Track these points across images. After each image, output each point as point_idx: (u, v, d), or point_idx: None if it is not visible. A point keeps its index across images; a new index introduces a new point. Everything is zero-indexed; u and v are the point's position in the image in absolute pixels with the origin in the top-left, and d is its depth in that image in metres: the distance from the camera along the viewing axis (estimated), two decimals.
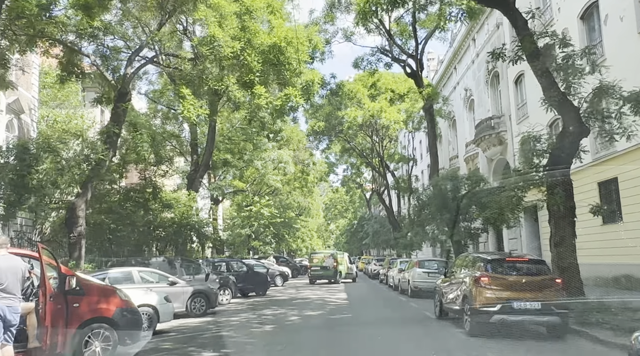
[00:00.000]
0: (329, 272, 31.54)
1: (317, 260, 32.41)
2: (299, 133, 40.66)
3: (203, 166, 29.45)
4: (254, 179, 42.08)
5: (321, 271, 31.82)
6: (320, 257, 32.59)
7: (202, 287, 16.43)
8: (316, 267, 31.94)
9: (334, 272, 31.64)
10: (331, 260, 31.70)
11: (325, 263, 31.83)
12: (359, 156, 46.34)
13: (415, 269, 21.50)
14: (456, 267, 13.64)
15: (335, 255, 33.21)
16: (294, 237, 62.53)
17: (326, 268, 31.53)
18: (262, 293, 23.93)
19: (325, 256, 32.46)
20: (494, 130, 30.52)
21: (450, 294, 13.05)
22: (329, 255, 33.14)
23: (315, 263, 32.22)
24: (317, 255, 33.50)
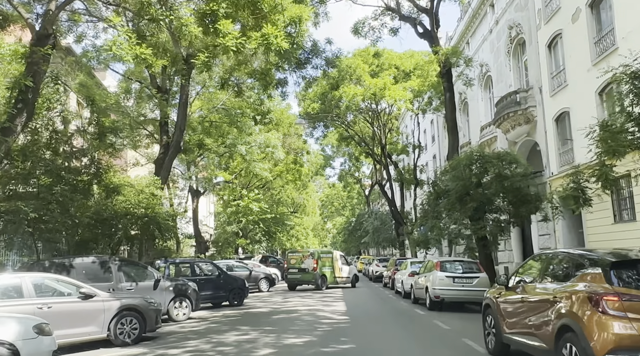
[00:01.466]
0: (308, 276, 25.36)
1: (294, 261, 26.03)
2: (289, 116, 35.19)
3: (172, 148, 23.98)
4: (241, 170, 36.65)
5: (299, 274, 25.66)
6: (297, 257, 26.13)
7: (135, 301, 10.97)
8: (293, 269, 25.82)
9: (314, 276, 25.31)
10: (311, 261, 25.33)
11: (303, 264, 25.56)
12: (358, 145, 40.88)
13: (435, 274, 16.07)
14: (531, 272, 8.17)
15: (318, 254, 26.06)
16: (288, 235, 57.00)
17: (304, 270, 25.36)
18: (238, 302, 18.50)
19: (303, 256, 25.86)
20: (519, 106, 25.13)
21: (521, 319, 7.62)
22: (309, 254, 26.19)
23: (292, 264, 26.09)
24: (294, 255, 26.72)
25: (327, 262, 26.11)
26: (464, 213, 18.89)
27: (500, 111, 26.55)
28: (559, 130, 22.87)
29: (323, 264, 25.73)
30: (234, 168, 37.19)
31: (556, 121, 22.87)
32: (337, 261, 27.12)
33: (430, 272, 16.52)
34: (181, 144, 24.32)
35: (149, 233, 20.18)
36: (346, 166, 57.64)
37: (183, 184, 34.60)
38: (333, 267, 26.44)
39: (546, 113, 23.61)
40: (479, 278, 15.79)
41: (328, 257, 26.54)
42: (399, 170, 38.58)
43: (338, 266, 26.99)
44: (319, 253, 26.20)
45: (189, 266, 17.89)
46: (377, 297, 21.70)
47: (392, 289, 24.91)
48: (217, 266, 18.70)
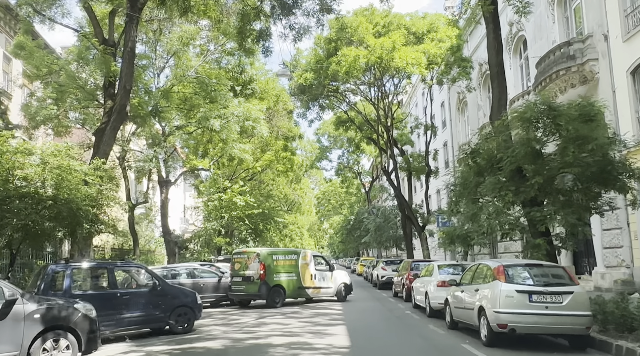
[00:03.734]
0: (252, 287, 17.12)
1: (238, 265, 17.91)
2: (276, 86, 28.43)
3: (116, 114, 17.39)
4: (219, 155, 29.96)
5: (242, 284, 17.46)
6: (242, 260, 17.93)
7: None
8: (237, 278, 17.72)
9: (260, 287, 16.99)
10: (257, 265, 17.21)
11: (248, 271, 17.38)
12: (358, 130, 34.20)
13: (498, 287, 9.39)
14: None
15: (266, 255, 17.68)
16: (281, 235, 50.24)
17: (249, 279, 17.23)
18: (184, 328, 11.85)
19: (248, 258, 17.69)
20: (574, 61, 18.58)
21: None
22: (255, 256, 17.61)
23: (236, 271, 17.89)
24: (239, 257, 18.31)
25: (286, 266, 17.85)
26: (523, 193, 12.35)
27: (543, 72, 20.02)
28: (636, 86, 16.38)
29: (277, 270, 17.48)
30: (213, 155, 30.49)
31: (632, 74, 16.37)
32: (308, 265, 18.53)
33: (488, 284, 9.86)
34: (127, 108, 17.65)
35: (64, 223, 13.60)
36: (344, 159, 51.09)
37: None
38: (299, 273, 18.16)
39: (615, 66, 17.10)
40: (573, 294, 9.16)
41: (289, 259, 18.14)
42: (406, 157, 31.93)
43: (309, 271, 18.49)
44: (269, 254, 17.83)
45: (106, 274, 11.18)
46: (391, 315, 15.00)
47: (408, 302, 18.27)
48: (151, 272, 11.99)
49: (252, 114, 22.30)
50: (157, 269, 17.94)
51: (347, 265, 67.20)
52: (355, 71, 24.41)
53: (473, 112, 31.50)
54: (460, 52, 25.69)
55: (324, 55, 26.95)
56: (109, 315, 10.65)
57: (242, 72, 25.24)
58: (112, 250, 28.23)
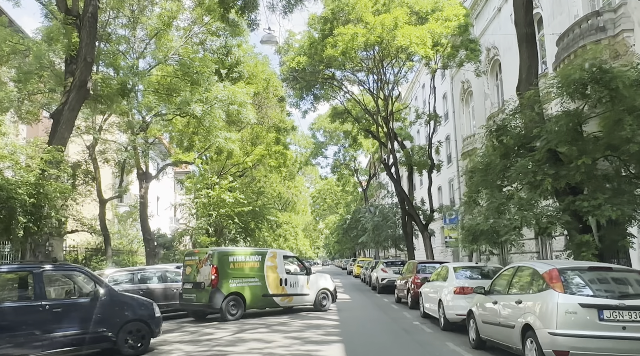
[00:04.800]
0: (202, 295, 13.81)
1: (189, 269, 14.66)
2: (266, 70, 25.60)
3: (75, 90, 14.72)
4: (205, 148, 27.24)
5: (193, 292, 14.15)
6: (193, 263, 14.57)
7: None
8: (188, 285, 14.42)
9: (211, 295, 13.63)
10: (208, 269, 13.92)
11: (199, 276, 14.14)
12: (356, 122, 31.50)
13: (552, 298, 6.73)
14: None
15: (220, 256, 14.17)
16: (274, 234, 47.50)
17: (199, 286, 13.96)
18: (137, 348, 9.13)
19: (200, 261, 14.32)
20: (604, 33, 15.98)
21: None
22: (206, 257, 14.18)
23: (187, 275, 14.65)
24: (190, 259, 14.89)
25: (247, 270, 14.43)
26: (565, 178, 9.77)
27: (566, 48, 17.35)
28: None
29: (234, 275, 14.08)
30: (200, 148, 27.75)
31: None
32: (276, 268, 15.04)
33: (537, 294, 7.20)
34: (89, 84, 14.91)
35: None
36: (340, 155, 48.41)
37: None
38: (264, 278, 14.66)
39: None
40: None
41: (252, 261, 14.67)
42: (406, 151, 29.25)
43: (277, 276, 14.96)
44: (224, 254, 14.28)
45: (31, 280, 8.45)
46: (397, 328, 12.31)
47: (414, 310, 15.62)
48: (94, 277, 9.25)
49: (237, 98, 19.56)
50: (123, 271, 15.21)
51: (343, 266, 64.58)
52: (353, 51, 21.71)
53: (479, 102, 28.89)
54: (468, 32, 23.08)
55: (319, 38, 24.27)
56: (32, 335, 7.98)
57: (229, 54, 22.54)
58: (86, 251, 25.45)
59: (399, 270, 22.39)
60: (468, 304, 11.00)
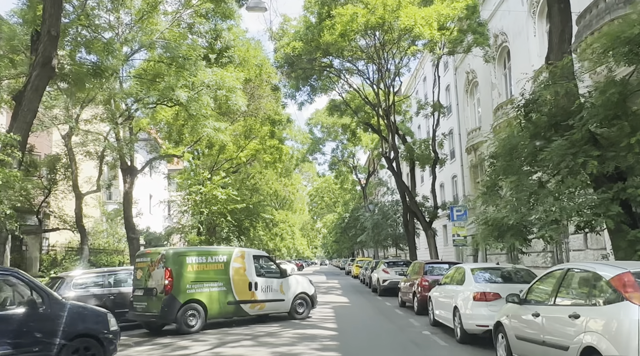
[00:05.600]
0: (154, 303, 11.60)
1: (140, 273, 12.35)
2: (259, 55, 23.62)
3: (39, 68, 12.80)
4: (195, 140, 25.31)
5: (143, 299, 11.92)
6: (144, 265, 12.29)
7: None
8: (138, 291, 12.15)
9: (164, 304, 11.40)
10: (161, 273, 11.71)
11: (150, 280, 11.95)
12: (354, 114, 29.63)
13: (630, 314, 4.86)
14: None
15: (175, 257, 11.92)
16: (270, 233, 45.57)
17: (151, 292, 11.77)
18: None
19: (152, 263, 12.07)
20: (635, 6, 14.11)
21: None
22: (159, 258, 11.90)
23: (137, 280, 12.36)
24: (142, 261, 12.56)
25: (209, 272, 12.15)
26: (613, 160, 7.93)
27: (588, 26, 15.45)
28: None
29: (192, 279, 11.85)
30: (190, 141, 25.82)
31: None
32: (245, 270, 12.82)
33: (604, 308, 5.30)
34: (54, 61, 12.99)
35: None
36: (338, 152, 46.51)
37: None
38: (230, 282, 12.41)
39: None
40: None
41: (214, 262, 12.38)
42: (408, 145, 27.40)
43: (246, 279, 12.75)
44: (179, 255, 12.08)
45: None
46: (405, 340, 10.40)
47: (422, 316, 13.75)
48: (32, 283, 7.33)
49: (226, 82, 17.65)
50: (92, 273, 13.26)
51: (341, 266, 62.76)
52: (353, 33, 19.84)
53: (485, 92, 27.03)
54: (477, 14, 21.23)
55: (316, 22, 22.42)
56: None
57: (218, 38, 20.66)
58: (67, 250, 23.56)
59: (402, 271, 20.52)
60: (491, 313, 9.15)
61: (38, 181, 23.11)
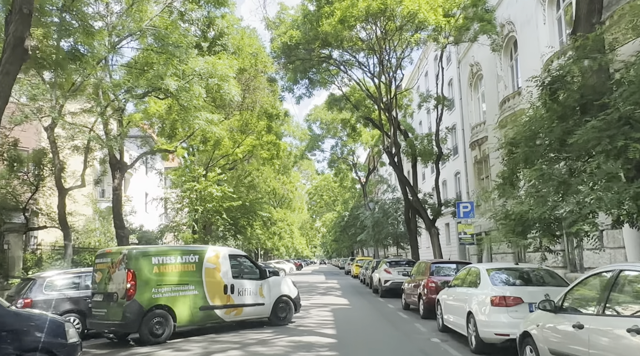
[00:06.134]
0: (115, 310, 10.03)
1: (99, 275, 10.79)
2: (254, 43, 22.30)
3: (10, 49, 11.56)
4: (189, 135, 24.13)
5: (103, 306, 10.37)
6: (104, 266, 10.72)
7: None
8: (97, 297, 10.62)
9: (126, 311, 9.84)
10: (122, 275, 10.14)
11: (110, 284, 10.41)
12: (355, 109, 28.42)
13: None
14: None
15: (137, 258, 10.28)
16: (268, 232, 44.37)
17: (110, 297, 10.24)
18: None
19: (112, 264, 10.50)
20: None
21: None
22: (120, 259, 10.27)
23: (97, 283, 10.82)
24: (101, 262, 10.91)
25: (179, 274, 10.74)
26: None
27: (607, 7, 14.37)
28: None
29: (159, 282, 10.37)
30: (182, 135, 24.63)
31: None
32: (219, 271, 11.41)
33: None
34: (27, 42, 11.77)
35: None
36: (338, 149, 45.30)
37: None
38: (203, 284, 10.99)
39: None
40: None
41: (185, 263, 10.91)
42: (410, 140, 26.21)
43: (220, 281, 11.38)
44: (143, 254, 10.51)
45: None
46: (416, 351, 9.12)
47: (428, 320, 12.56)
48: None
49: (218, 70, 16.44)
50: (68, 275, 12.00)
51: (340, 265, 61.53)
52: (353, 19, 18.63)
53: (491, 85, 25.79)
54: (483, 0, 20.03)
55: (315, 10, 21.22)
56: None
57: (211, 25, 19.45)
58: (52, 249, 22.31)
59: (404, 271, 19.34)
60: (512, 320, 7.97)
61: (24, 177, 21.94)
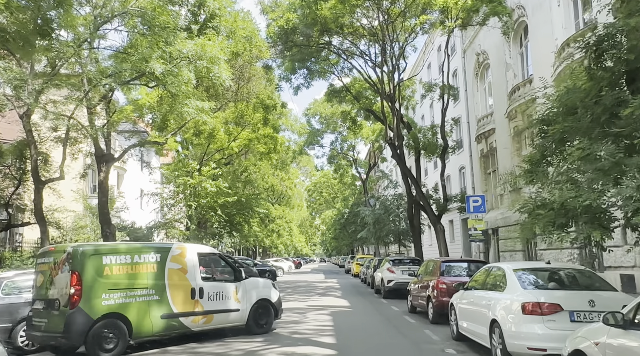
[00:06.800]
0: (55, 319, 8.13)
1: (41, 278, 8.78)
2: (248, 26, 20.70)
3: None
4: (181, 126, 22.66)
5: (44, 314, 8.40)
6: (46, 267, 8.72)
7: None
8: (38, 302, 8.66)
9: (68, 321, 7.97)
10: (66, 278, 8.22)
11: (52, 289, 8.44)
12: (355, 100, 26.95)
13: None
14: None
15: (84, 257, 8.33)
16: (266, 230, 42.94)
17: (51, 305, 8.30)
18: None
19: (55, 264, 8.51)
20: None
21: None
22: (63, 258, 8.31)
23: (38, 288, 8.83)
24: (42, 262, 8.95)
25: (136, 276, 8.93)
26: None
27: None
28: None
29: (109, 286, 8.52)
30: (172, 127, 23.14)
31: None
32: (184, 272, 9.60)
33: None
34: None
35: None
36: (338, 145, 43.84)
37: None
38: (165, 288, 9.21)
39: None
40: None
41: (144, 262, 9.08)
42: (413, 133, 24.75)
43: (187, 284, 9.56)
44: (91, 253, 8.56)
45: None
46: None
47: (438, 325, 11.12)
48: None
49: (207, 52, 14.95)
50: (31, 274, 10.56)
51: (340, 264, 60.11)
52: None
53: (498, 75, 24.32)
54: None
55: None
56: None
57: (202, 7, 17.98)
58: (36, 247, 20.86)
59: (409, 270, 17.88)
60: (549, 331, 6.54)
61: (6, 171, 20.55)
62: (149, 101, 21.86)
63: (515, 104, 21.24)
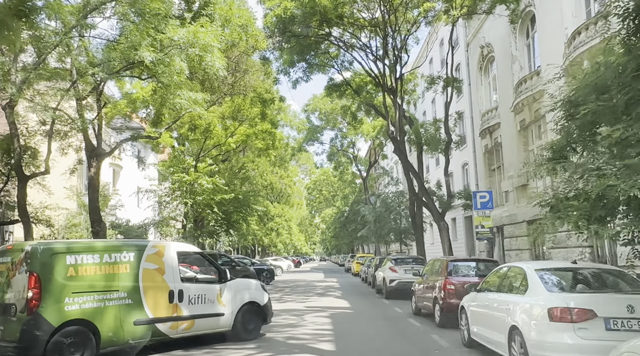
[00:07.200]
0: (12, 327, 7.08)
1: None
2: (244, 14, 19.73)
3: None
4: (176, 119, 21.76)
5: (1, 322, 7.30)
6: (3, 268, 7.54)
7: None
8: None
9: (25, 329, 6.92)
10: (23, 280, 7.11)
11: (9, 292, 7.32)
12: (355, 94, 26.04)
13: None
14: None
15: (44, 257, 7.22)
16: (265, 228, 42.06)
17: (7, 310, 7.21)
18: None
19: (12, 265, 7.34)
20: None
21: None
22: (22, 258, 7.13)
23: None
24: (1, 261, 7.68)
25: (103, 278, 7.74)
26: None
27: None
28: None
29: (74, 289, 7.39)
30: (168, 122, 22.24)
31: None
32: (162, 273, 8.43)
33: None
34: None
35: None
36: (338, 142, 42.94)
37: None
38: (139, 290, 8.05)
39: None
40: None
41: (114, 262, 7.88)
42: (416, 128, 23.87)
43: (165, 286, 8.42)
44: (54, 252, 7.40)
45: None
46: None
47: (445, 329, 10.25)
48: None
49: (199, 39, 14.06)
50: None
51: (340, 262, 59.28)
52: None
53: (504, 67, 23.40)
54: None
55: None
56: None
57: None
58: None
59: (412, 269, 16.99)
60: (581, 341, 5.65)
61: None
62: (143, 95, 21.00)
63: (522, 97, 20.35)
